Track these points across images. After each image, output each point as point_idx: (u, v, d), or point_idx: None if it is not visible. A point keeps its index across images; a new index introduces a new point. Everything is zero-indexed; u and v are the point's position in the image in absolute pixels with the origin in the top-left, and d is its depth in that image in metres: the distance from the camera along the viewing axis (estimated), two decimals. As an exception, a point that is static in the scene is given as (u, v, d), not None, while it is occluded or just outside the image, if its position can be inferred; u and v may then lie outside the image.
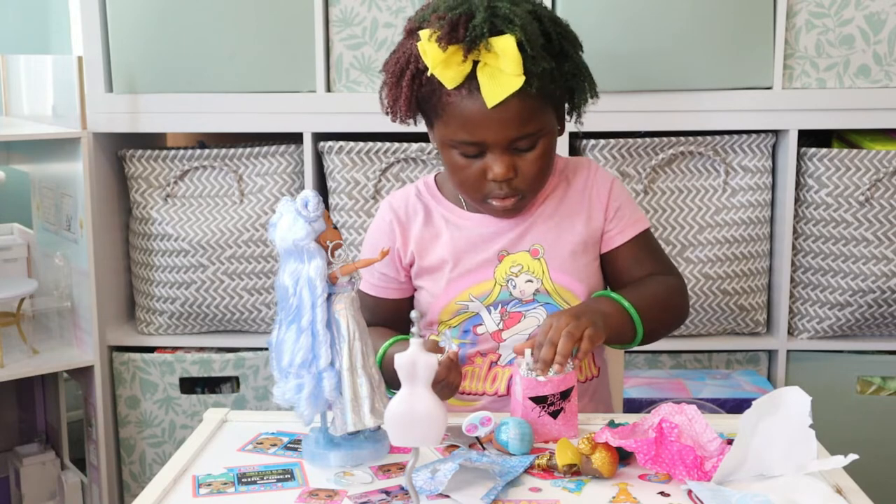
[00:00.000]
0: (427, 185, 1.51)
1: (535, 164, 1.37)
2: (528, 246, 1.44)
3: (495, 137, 1.33)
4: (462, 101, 1.33)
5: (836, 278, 2.20)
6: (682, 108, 2.17)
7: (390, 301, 1.50)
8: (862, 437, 2.18)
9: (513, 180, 1.36)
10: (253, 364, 2.35)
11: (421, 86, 1.36)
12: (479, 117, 1.32)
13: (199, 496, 1.15)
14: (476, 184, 1.38)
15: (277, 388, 1.21)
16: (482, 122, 1.32)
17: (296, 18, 2.21)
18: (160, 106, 2.28)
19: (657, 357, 2.31)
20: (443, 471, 1.11)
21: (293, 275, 1.18)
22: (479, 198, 1.40)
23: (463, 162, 1.37)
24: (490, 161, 1.35)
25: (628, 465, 1.19)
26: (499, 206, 1.39)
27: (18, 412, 2.57)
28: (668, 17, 2.15)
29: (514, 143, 1.34)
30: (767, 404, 1.16)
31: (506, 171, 1.35)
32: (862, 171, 2.15)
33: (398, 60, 1.38)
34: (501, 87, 1.30)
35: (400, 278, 1.49)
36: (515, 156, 1.35)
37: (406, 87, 1.36)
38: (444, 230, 1.46)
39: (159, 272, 2.33)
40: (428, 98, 1.36)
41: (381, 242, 1.48)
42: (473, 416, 1.19)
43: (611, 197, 1.47)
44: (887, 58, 2.16)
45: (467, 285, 1.44)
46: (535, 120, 1.34)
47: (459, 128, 1.34)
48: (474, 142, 1.35)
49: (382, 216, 1.50)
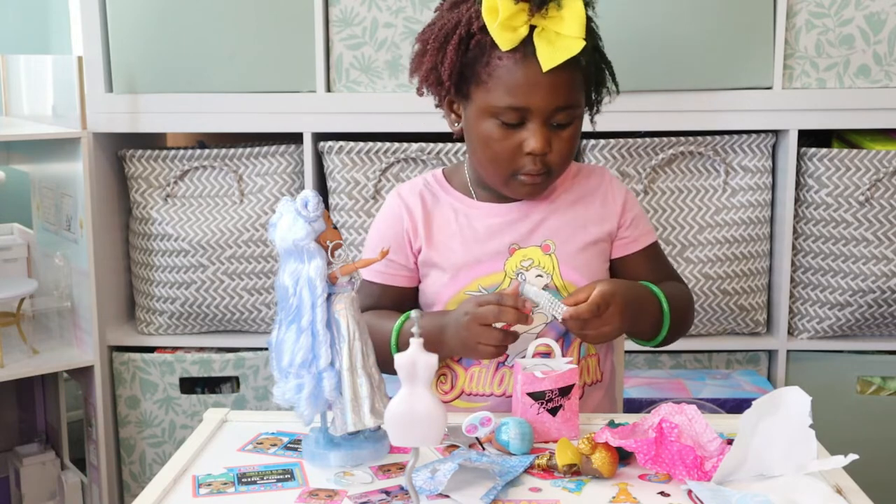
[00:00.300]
0: (435, 178, 1.51)
1: (567, 143, 1.38)
2: (539, 241, 1.44)
3: (542, 104, 1.34)
4: (514, 64, 1.33)
5: (836, 278, 2.20)
6: (681, 108, 2.18)
7: (396, 289, 1.49)
8: (862, 437, 2.18)
9: (547, 155, 1.37)
10: (253, 364, 2.35)
11: (467, 50, 1.36)
12: (529, 82, 1.33)
13: (199, 496, 1.15)
14: (510, 157, 1.37)
15: (277, 388, 1.21)
16: (532, 87, 1.33)
17: (296, 18, 2.21)
18: (160, 106, 2.28)
19: (657, 357, 2.31)
20: (442, 471, 1.11)
21: (293, 275, 1.18)
22: (507, 173, 1.39)
23: (499, 134, 1.37)
24: (529, 133, 1.35)
25: (628, 465, 1.19)
26: (527, 182, 1.39)
27: (18, 412, 2.57)
28: (668, 17, 2.14)
29: (555, 114, 1.35)
30: (767, 404, 1.16)
31: (543, 144, 1.35)
32: (862, 171, 2.15)
33: (443, 27, 1.38)
34: (559, 51, 1.32)
35: (409, 265, 1.48)
36: (551, 132, 1.36)
37: (452, 52, 1.36)
38: (453, 219, 1.46)
39: (159, 272, 2.34)
40: (473, 63, 1.36)
41: (389, 231, 1.47)
42: (473, 417, 1.19)
43: (626, 207, 1.49)
44: (887, 58, 2.16)
45: (476, 275, 1.43)
46: (578, 94, 1.37)
47: (506, 92, 1.34)
48: (520, 107, 1.34)
49: (390, 204, 1.50)
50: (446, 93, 1.41)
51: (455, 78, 1.38)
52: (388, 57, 2.21)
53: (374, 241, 1.50)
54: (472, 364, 1.44)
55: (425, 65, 1.40)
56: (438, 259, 1.45)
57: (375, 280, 1.49)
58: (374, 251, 1.48)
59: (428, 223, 1.46)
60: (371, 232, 1.53)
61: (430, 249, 1.46)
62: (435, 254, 1.45)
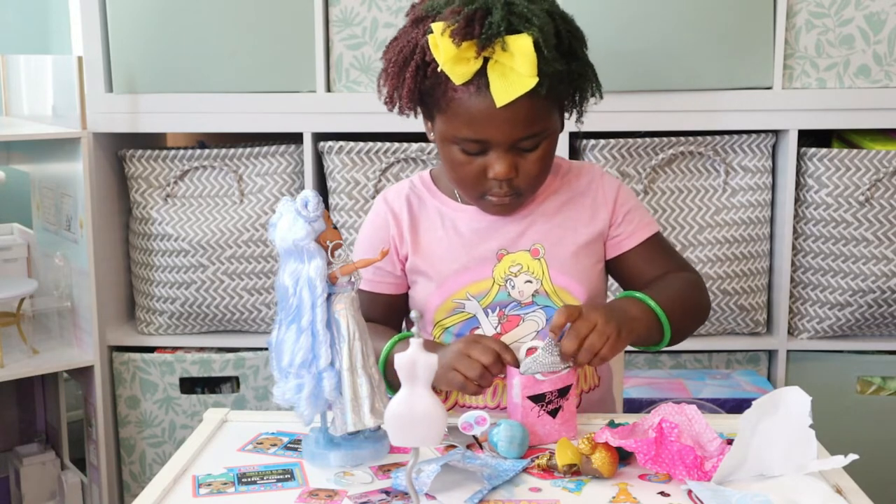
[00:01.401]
0: (422, 180, 1.49)
1: (536, 164, 1.34)
2: (528, 245, 1.41)
3: (500, 137, 1.31)
4: (469, 97, 1.29)
5: (836, 278, 2.20)
6: (681, 107, 2.17)
7: (384, 297, 1.47)
8: (862, 437, 2.18)
9: (513, 179, 1.34)
10: (253, 364, 2.35)
11: (425, 77, 1.32)
12: (485, 115, 1.29)
13: (199, 496, 1.14)
14: (475, 181, 1.36)
15: (277, 388, 1.21)
16: (488, 121, 1.29)
17: (296, 18, 2.21)
18: (160, 106, 2.28)
19: (657, 357, 2.31)
20: (427, 471, 1.11)
21: (293, 275, 1.18)
22: (476, 195, 1.38)
23: (463, 159, 1.35)
24: (492, 160, 1.33)
25: (628, 465, 1.19)
26: (496, 202, 1.37)
27: (18, 412, 2.57)
28: (668, 17, 2.14)
29: (518, 143, 1.32)
30: (767, 404, 1.16)
31: (507, 170, 1.32)
32: (862, 171, 2.15)
33: (402, 50, 1.34)
34: (512, 86, 1.27)
35: (395, 272, 1.46)
36: (517, 155, 1.33)
37: (409, 79, 1.32)
38: (439, 225, 1.44)
39: (159, 272, 2.34)
40: (431, 91, 1.33)
41: (376, 236, 1.46)
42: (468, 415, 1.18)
43: (618, 201, 1.45)
44: (887, 58, 2.16)
45: (465, 283, 1.41)
46: (542, 121, 1.32)
47: (464, 125, 1.31)
48: (478, 139, 1.32)
49: (377, 210, 1.48)
50: (410, 113, 1.39)
51: (416, 103, 1.36)
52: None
53: (363, 246, 1.48)
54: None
55: (386, 88, 1.37)
56: (425, 266, 1.43)
57: (364, 288, 1.46)
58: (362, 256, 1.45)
59: (414, 229, 1.44)
60: (359, 236, 1.51)
61: (416, 256, 1.44)
62: (421, 261, 1.43)
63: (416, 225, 1.45)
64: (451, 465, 1.13)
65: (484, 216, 1.43)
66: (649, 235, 1.46)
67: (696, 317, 1.46)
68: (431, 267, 1.43)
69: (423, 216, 1.45)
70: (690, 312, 1.43)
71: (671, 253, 1.50)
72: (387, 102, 1.38)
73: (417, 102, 1.36)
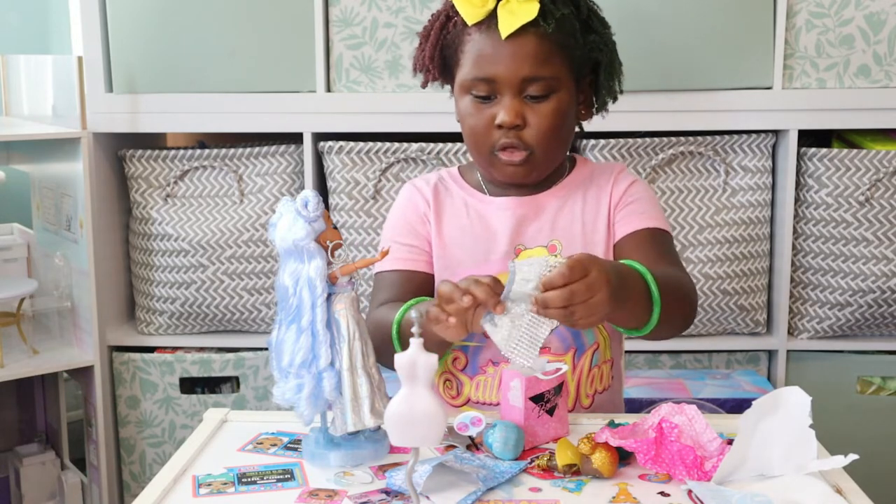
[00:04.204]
0: (450, 173, 1.51)
1: (546, 118, 1.34)
2: (545, 241, 1.42)
3: (506, 73, 1.33)
4: (479, 35, 1.35)
5: (836, 278, 2.20)
6: (682, 108, 2.17)
7: (420, 275, 1.44)
8: (862, 437, 2.18)
9: (521, 130, 1.35)
10: (253, 364, 2.35)
11: (447, 33, 1.39)
12: (492, 50, 1.33)
13: (199, 496, 1.14)
14: (485, 132, 1.36)
15: (277, 388, 1.21)
16: (495, 56, 1.33)
17: (296, 18, 2.21)
18: (160, 106, 2.28)
19: (657, 357, 2.31)
20: (419, 472, 1.11)
21: (293, 275, 1.18)
22: (487, 150, 1.38)
23: (473, 108, 1.37)
24: (500, 105, 1.35)
25: (628, 465, 1.19)
26: (506, 160, 1.37)
27: (18, 412, 2.57)
28: (668, 17, 2.15)
29: (525, 86, 1.34)
30: (767, 404, 1.16)
31: (513, 116, 1.33)
32: (862, 171, 2.15)
33: (435, 16, 1.41)
34: (517, 16, 1.31)
35: (428, 249, 1.45)
36: (525, 105, 1.35)
37: (434, 35, 1.39)
38: (464, 214, 1.44)
39: (159, 272, 2.34)
40: (451, 44, 1.39)
41: (405, 218, 1.46)
42: (464, 416, 1.18)
43: (627, 192, 1.43)
44: (887, 58, 2.16)
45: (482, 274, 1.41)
46: (550, 65, 1.34)
47: (473, 64, 1.35)
48: (485, 77, 1.34)
49: (406, 195, 1.49)
50: (433, 77, 1.43)
51: (437, 60, 1.41)
52: (388, 57, 2.21)
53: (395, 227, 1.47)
54: (476, 373, 1.42)
55: (419, 51, 1.43)
56: (444, 255, 1.44)
57: (396, 268, 1.44)
58: (391, 240, 1.45)
59: (439, 216, 1.45)
60: (388, 222, 1.50)
61: (439, 243, 1.44)
62: (442, 249, 1.44)
63: (442, 211, 1.45)
64: (446, 465, 1.13)
65: (509, 206, 1.42)
66: (646, 227, 1.41)
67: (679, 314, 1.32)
68: (451, 256, 1.43)
69: (447, 203, 1.46)
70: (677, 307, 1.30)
71: (668, 253, 1.41)
72: (414, 67, 1.45)
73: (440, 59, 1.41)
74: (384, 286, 1.45)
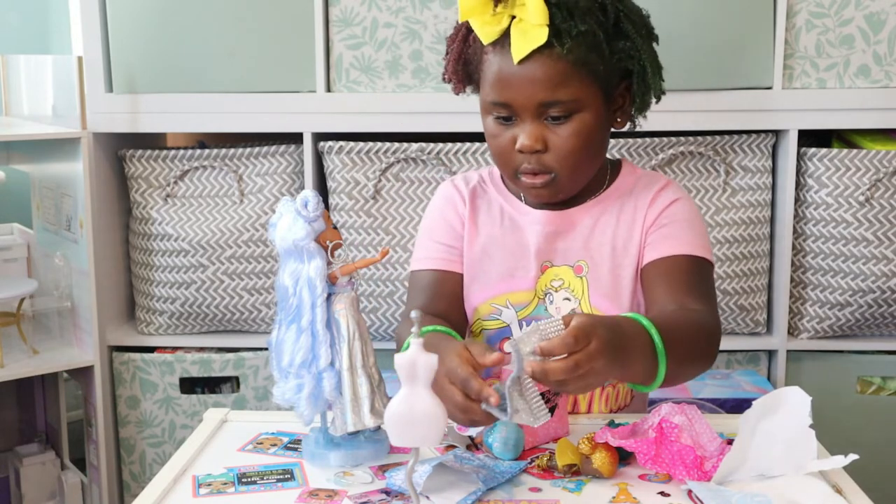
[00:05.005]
0: (491, 175, 1.46)
1: (567, 140, 1.28)
2: (572, 261, 1.36)
3: (522, 99, 1.27)
4: (494, 57, 1.29)
5: (836, 278, 2.20)
6: (681, 108, 2.17)
7: (456, 276, 1.40)
8: (862, 437, 2.18)
9: (542, 155, 1.30)
10: (253, 364, 2.35)
11: (468, 47, 1.34)
12: (506, 75, 1.27)
13: (199, 496, 1.15)
14: (507, 155, 1.32)
15: (277, 388, 1.21)
16: (509, 81, 1.27)
17: (296, 18, 2.21)
18: (160, 106, 2.28)
19: (657, 357, 2.31)
20: (419, 472, 1.11)
21: (293, 275, 1.18)
22: (510, 172, 1.34)
23: (495, 129, 1.32)
24: (520, 128, 1.30)
25: (628, 465, 1.19)
26: (528, 183, 1.32)
27: (18, 412, 2.57)
28: (668, 17, 2.14)
29: (543, 109, 1.28)
30: (767, 404, 1.16)
31: (532, 141, 1.28)
32: (862, 171, 2.15)
33: (457, 28, 1.36)
34: (528, 41, 1.24)
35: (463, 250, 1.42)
36: (546, 127, 1.29)
37: (457, 49, 1.34)
38: (498, 222, 1.41)
39: (159, 272, 2.34)
40: (472, 59, 1.34)
41: (444, 216, 1.43)
42: None
43: (663, 214, 1.35)
44: (887, 58, 2.16)
45: (506, 290, 1.38)
46: (568, 87, 1.26)
47: (491, 87, 1.30)
48: (502, 102, 1.29)
49: (446, 191, 1.45)
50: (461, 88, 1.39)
51: (462, 74, 1.37)
52: (388, 57, 2.21)
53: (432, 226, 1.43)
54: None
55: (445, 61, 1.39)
56: (473, 263, 1.40)
57: (432, 268, 1.41)
58: (428, 238, 1.43)
59: (474, 220, 1.42)
60: (425, 221, 1.46)
61: (469, 249, 1.41)
62: (471, 256, 1.41)
63: (476, 216, 1.42)
64: (446, 465, 1.13)
65: (543, 220, 1.38)
66: (675, 254, 1.32)
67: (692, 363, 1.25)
68: (479, 265, 1.40)
69: (483, 209, 1.42)
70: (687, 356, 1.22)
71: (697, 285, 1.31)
72: (443, 77, 1.40)
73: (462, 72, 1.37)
74: (420, 287, 1.41)
